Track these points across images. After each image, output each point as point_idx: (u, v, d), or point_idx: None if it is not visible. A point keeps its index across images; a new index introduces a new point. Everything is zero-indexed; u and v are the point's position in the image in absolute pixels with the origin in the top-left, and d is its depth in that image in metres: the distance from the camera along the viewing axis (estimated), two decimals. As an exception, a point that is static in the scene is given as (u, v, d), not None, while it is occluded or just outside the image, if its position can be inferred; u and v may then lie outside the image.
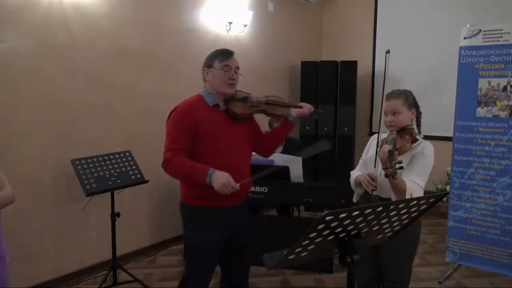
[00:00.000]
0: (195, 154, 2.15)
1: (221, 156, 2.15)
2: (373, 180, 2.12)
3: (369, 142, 2.46)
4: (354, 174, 2.40)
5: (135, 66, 3.81)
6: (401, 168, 1.91)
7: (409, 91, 2.29)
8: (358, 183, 2.29)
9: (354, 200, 2.42)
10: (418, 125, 2.33)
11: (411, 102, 2.24)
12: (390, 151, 1.93)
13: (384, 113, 2.23)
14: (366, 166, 2.39)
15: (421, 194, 2.10)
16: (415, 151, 2.16)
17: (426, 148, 2.17)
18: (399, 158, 1.99)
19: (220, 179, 2.03)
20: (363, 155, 2.46)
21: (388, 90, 2.26)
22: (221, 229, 2.21)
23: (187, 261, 2.33)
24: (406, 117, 2.22)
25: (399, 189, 2.04)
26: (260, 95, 2.37)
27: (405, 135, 2.15)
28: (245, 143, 2.30)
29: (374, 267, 2.30)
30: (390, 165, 1.89)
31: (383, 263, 2.26)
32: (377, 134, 2.38)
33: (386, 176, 1.93)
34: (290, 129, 2.40)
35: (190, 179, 2.12)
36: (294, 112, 2.34)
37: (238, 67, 2.22)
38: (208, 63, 2.22)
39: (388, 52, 2.20)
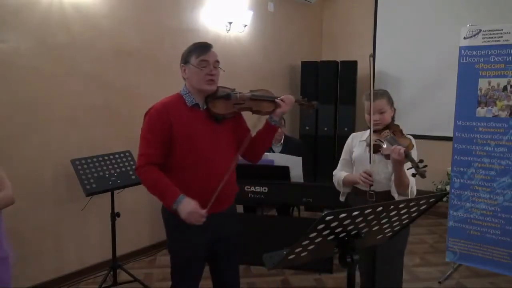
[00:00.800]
0: (173, 159, 2.01)
1: (200, 161, 2.00)
2: (370, 176, 2.19)
3: (349, 141, 2.52)
4: (340, 174, 2.46)
5: (135, 66, 3.81)
6: (425, 166, 1.98)
7: (387, 91, 2.41)
8: (351, 182, 2.36)
9: (341, 199, 2.47)
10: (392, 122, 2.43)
11: (391, 100, 2.38)
12: (405, 152, 2.03)
13: (368, 112, 2.31)
14: (350, 166, 2.46)
15: (414, 182, 2.22)
16: None
17: (412, 143, 2.29)
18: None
19: (186, 207, 1.90)
20: (344, 154, 2.52)
21: (374, 91, 2.32)
22: (206, 236, 2.09)
23: (172, 269, 2.18)
24: (389, 115, 2.36)
25: (403, 183, 2.15)
26: (246, 90, 2.19)
27: (397, 132, 2.26)
28: (229, 146, 2.12)
29: (371, 260, 2.33)
30: (415, 165, 1.97)
31: (377, 256, 2.30)
32: (356, 133, 2.51)
33: (414, 176, 2.02)
34: (274, 133, 2.20)
35: (160, 197, 2.01)
36: (275, 114, 2.12)
37: (217, 61, 2.04)
38: (185, 59, 2.04)
39: (371, 56, 2.31)
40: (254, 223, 3.86)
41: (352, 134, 2.53)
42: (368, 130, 2.30)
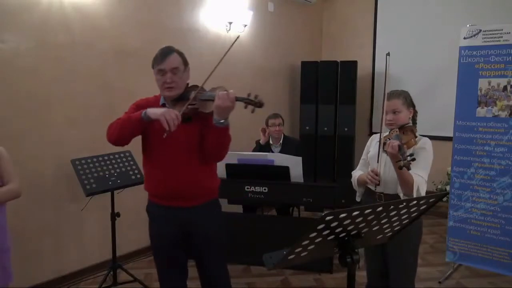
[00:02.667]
0: (143, 151, 2.23)
1: (158, 156, 2.13)
2: (376, 175, 2.19)
3: (368, 142, 2.53)
4: (356, 174, 2.47)
5: (135, 66, 3.81)
6: (413, 159, 2.00)
7: (407, 91, 2.38)
8: (362, 182, 2.35)
9: (357, 199, 2.48)
10: (414, 123, 2.41)
11: (409, 101, 2.35)
12: (399, 146, 2.04)
13: (385, 112, 2.30)
14: (368, 166, 2.46)
15: (425, 186, 2.22)
16: (416, 147, 2.25)
17: (426, 144, 2.28)
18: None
19: (158, 109, 1.98)
20: (363, 155, 2.53)
21: (388, 90, 2.33)
22: (172, 226, 2.18)
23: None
24: (405, 115, 2.32)
25: (407, 182, 2.14)
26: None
27: (407, 131, 2.25)
28: (191, 146, 2.11)
29: (381, 259, 2.36)
30: (403, 158, 1.99)
31: (388, 255, 2.32)
32: (376, 134, 2.48)
33: (400, 168, 2.02)
34: (222, 134, 2.02)
35: (127, 125, 2.10)
36: (215, 113, 1.96)
37: (176, 68, 2.07)
38: (152, 66, 2.15)
39: (388, 54, 2.27)
40: (254, 223, 3.87)
41: (373, 135, 2.53)
42: (388, 131, 2.29)
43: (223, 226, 2.30)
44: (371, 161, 2.41)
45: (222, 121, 1.97)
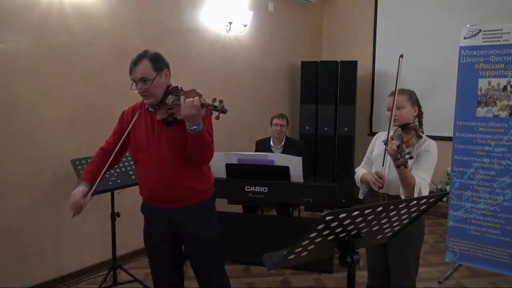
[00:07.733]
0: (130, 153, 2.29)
1: (141, 158, 2.18)
2: (380, 178, 2.18)
3: (373, 141, 2.52)
4: (360, 171, 2.47)
5: (135, 66, 3.81)
6: (411, 157, 2.00)
7: (412, 91, 2.40)
8: (365, 182, 2.36)
9: (360, 196, 2.48)
10: (420, 125, 2.41)
11: (414, 99, 2.35)
12: (398, 145, 2.03)
13: (388, 109, 2.30)
14: (371, 164, 2.45)
15: (427, 188, 2.21)
16: (421, 149, 2.25)
17: (431, 146, 2.27)
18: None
19: (72, 194, 2.13)
20: (367, 153, 2.52)
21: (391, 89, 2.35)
22: (159, 226, 2.23)
23: None
24: (409, 112, 2.31)
25: (408, 184, 2.13)
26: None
27: (410, 130, 2.25)
28: (172, 148, 2.09)
29: (382, 259, 2.36)
30: (401, 156, 1.98)
31: (390, 255, 2.33)
32: (381, 133, 2.49)
33: (398, 166, 2.02)
34: (197, 140, 1.98)
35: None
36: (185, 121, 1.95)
37: (143, 77, 2.06)
38: None
39: (401, 56, 2.30)
40: (254, 223, 3.87)
41: (378, 134, 2.53)
42: (393, 130, 2.28)
43: (215, 227, 2.27)
44: (375, 160, 2.40)
45: (193, 127, 1.94)
